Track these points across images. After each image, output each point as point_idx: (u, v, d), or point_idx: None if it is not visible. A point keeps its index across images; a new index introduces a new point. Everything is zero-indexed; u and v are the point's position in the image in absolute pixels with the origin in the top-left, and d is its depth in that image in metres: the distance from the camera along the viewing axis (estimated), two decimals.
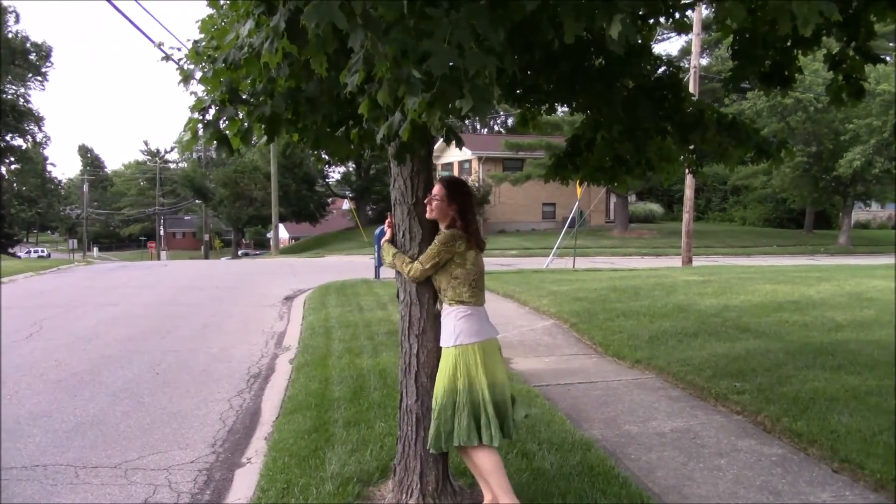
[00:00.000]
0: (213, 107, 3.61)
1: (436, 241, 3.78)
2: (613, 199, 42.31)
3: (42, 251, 67.30)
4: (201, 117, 3.60)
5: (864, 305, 10.82)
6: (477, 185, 39.00)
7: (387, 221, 4.10)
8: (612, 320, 9.72)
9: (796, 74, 4.86)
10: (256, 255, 56.53)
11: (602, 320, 9.73)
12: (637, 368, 7.41)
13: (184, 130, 3.70)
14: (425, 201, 3.86)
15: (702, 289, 12.96)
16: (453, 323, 3.74)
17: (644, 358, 7.56)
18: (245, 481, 4.62)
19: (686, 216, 22.61)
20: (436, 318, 3.92)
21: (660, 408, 5.97)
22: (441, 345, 3.83)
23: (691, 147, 5.58)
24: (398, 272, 4.02)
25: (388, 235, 4.06)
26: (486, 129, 63.61)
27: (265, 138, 3.61)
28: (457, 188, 3.83)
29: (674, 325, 9.18)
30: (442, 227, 3.83)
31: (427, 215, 3.86)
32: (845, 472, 4.53)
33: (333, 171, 59.27)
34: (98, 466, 4.94)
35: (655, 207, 47.19)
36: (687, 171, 6.00)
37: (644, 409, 5.95)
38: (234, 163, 49.92)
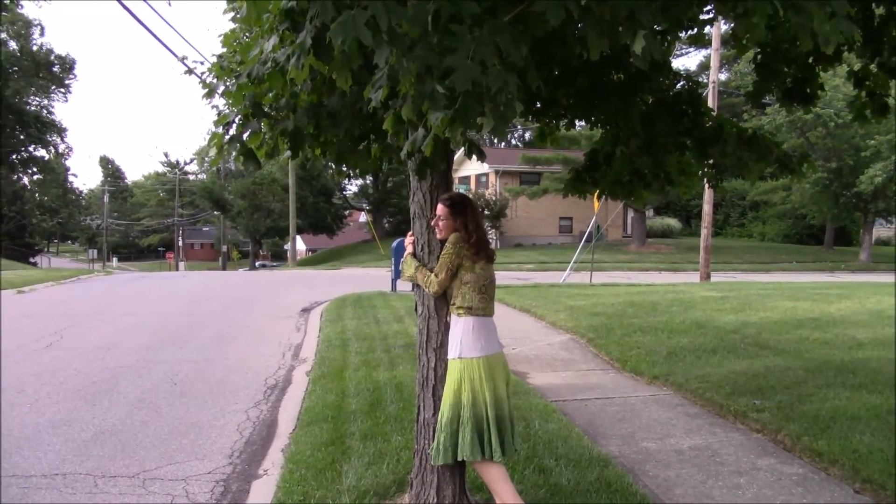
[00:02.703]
0: (236, 121, 3.66)
1: (446, 246, 3.81)
2: (631, 213, 42.15)
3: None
4: (225, 132, 3.65)
5: (886, 323, 10.68)
6: (494, 198, 39.05)
7: (408, 236, 4.13)
8: (630, 336, 9.66)
9: (818, 91, 4.85)
10: (274, 266, 56.84)
11: (619, 336, 9.68)
12: (655, 384, 7.36)
13: (209, 145, 3.75)
14: (432, 223, 3.89)
15: (720, 305, 12.86)
16: (460, 335, 3.75)
17: (662, 374, 7.51)
18: (262, 493, 4.64)
19: (704, 231, 22.48)
20: None
21: (678, 424, 5.93)
22: (447, 357, 3.84)
23: (710, 161, 5.57)
24: (417, 285, 4.04)
25: (409, 250, 4.08)
26: (503, 143, 63.71)
27: (288, 153, 3.66)
28: (458, 204, 3.85)
29: (692, 342, 9.12)
30: None
31: (438, 236, 3.89)
32: (867, 493, 4.46)
33: (350, 184, 59.65)
34: (116, 476, 4.98)
35: (673, 222, 46.96)
36: (706, 185, 5.98)
37: (662, 425, 5.91)
38: (252, 175, 50.35)
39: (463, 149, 3.29)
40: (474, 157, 3.56)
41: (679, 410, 6.37)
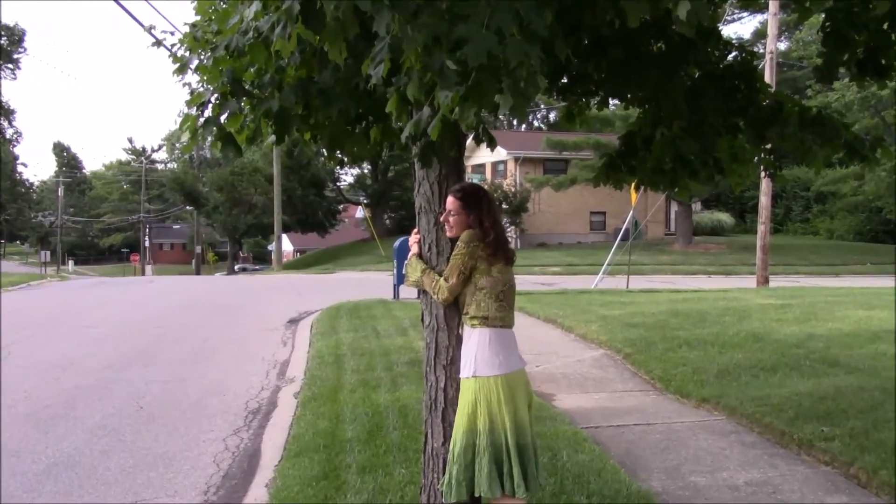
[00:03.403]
0: (212, 100, 3.68)
1: (458, 245, 3.80)
2: (674, 207, 42.00)
3: None
4: (199, 113, 3.68)
5: None
6: (513, 189, 39.04)
7: (412, 234, 4.14)
8: (674, 350, 9.64)
9: (895, 62, 4.82)
10: (256, 270, 57.04)
11: (661, 350, 9.65)
12: (704, 408, 7.33)
13: (180, 129, 3.78)
14: (441, 219, 3.89)
15: (781, 314, 12.80)
16: (474, 350, 3.75)
17: (712, 396, 7.48)
18: None
19: (761, 228, 22.38)
20: None
21: (731, 456, 5.91)
22: (460, 375, 3.84)
23: (768, 146, 5.56)
24: (424, 292, 4.04)
25: (414, 250, 4.08)
26: (524, 126, 63.67)
27: (273, 138, 3.68)
28: (472, 196, 3.85)
29: (747, 358, 9.08)
30: None
31: (448, 234, 3.89)
32: None
33: (345, 174, 59.78)
34: None
35: (724, 217, 46.77)
36: (762, 174, 5.96)
37: (713, 456, 5.89)
38: (230, 163, 50.56)
39: (473, 134, 3.31)
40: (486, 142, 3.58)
41: (733, 439, 6.34)
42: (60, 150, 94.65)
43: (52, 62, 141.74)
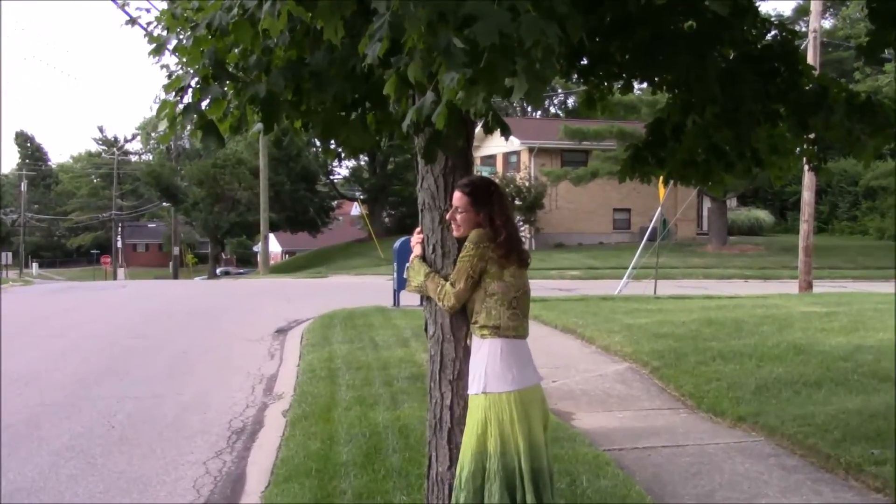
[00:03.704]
0: (193, 84, 3.69)
1: (465, 246, 3.80)
2: (707, 203, 41.95)
3: None
4: (178, 99, 3.69)
5: None
6: (527, 184, 39.04)
7: (415, 233, 4.14)
8: (707, 364, 9.62)
9: None
10: (240, 273, 57.09)
11: (693, 364, 9.64)
12: (740, 428, 7.32)
13: (157, 117, 3.80)
14: (447, 217, 3.89)
15: (826, 323, 12.77)
16: (484, 363, 3.75)
17: (749, 414, 7.47)
18: None
19: (804, 227, 22.33)
20: None
21: (771, 481, 5.89)
22: (468, 391, 3.84)
23: (811, 135, 5.55)
24: (427, 298, 4.05)
25: (417, 251, 4.09)
26: (539, 112, 63.69)
27: (260, 126, 3.69)
28: (481, 191, 3.84)
29: (789, 372, 9.07)
30: None
31: (454, 233, 3.90)
32: None
33: (340, 166, 59.85)
34: None
35: (763, 215, 46.69)
36: (805, 167, 5.96)
37: (750, 482, 5.87)
38: (212, 155, 50.68)
39: (485, 120, 3.30)
40: (498, 131, 3.58)
41: (772, 462, 6.33)
42: (23, 139, 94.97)
43: (11, 41, 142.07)
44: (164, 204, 65.06)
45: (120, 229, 76.56)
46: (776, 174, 5.73)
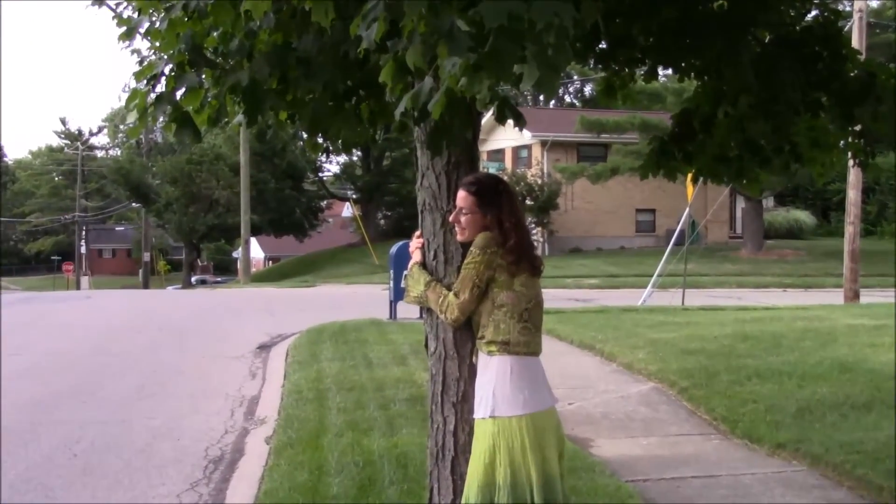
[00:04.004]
0: (166, 72, 3.70)
1: (471, 251, 3.80)
2: (741, 203, 41.94)
3: None
4: (150, 88, 3.70)
5: None
6: (540, 181, 39.06)
7: (414, 237, 4.15)
8: (742, 384, 9.61)
9: None
10: (218, 282, 57.17)
11: (726, 384, 9.62)
12: (780, 456, 7.31)
13: (126, 108, 3.81)
14: (450, 219, 3.90)
15: (875, 338, 12.74)
16: (492, 383, 3.75)
17: (790, 441, 7.45)
18: None
19: (850, 230, 22.31)
20: None
21: None
22: (474, 415, 3.85)
23: (857, 128, 5.55)
24: (428, 310, 4.05)
25: (416, 257, 4.09)
26: (552, 102, 63.76)
27: (241, 118, 3.70)
28: (488, 190, 3.84)
29: (834, 392, 9.05)
30: None
31: (458, 237, 3.90)
32: None
33: (330, 162, 59.93)
34: None
35: (803, 216, 46.68)
36: (850, 162, 5.96)
37: None
38: (188, 150, 50.71)
39: (492, 110, 3.31)
40: (509, 122, 3.58)
41: (816, 495, 6.31)
42: None
43: None
44: (134, 204, 65.17)
45: (84, 233, 76.62)
46: (818, 171, 5.73)
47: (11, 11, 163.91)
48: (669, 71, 5.55)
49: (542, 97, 57.32)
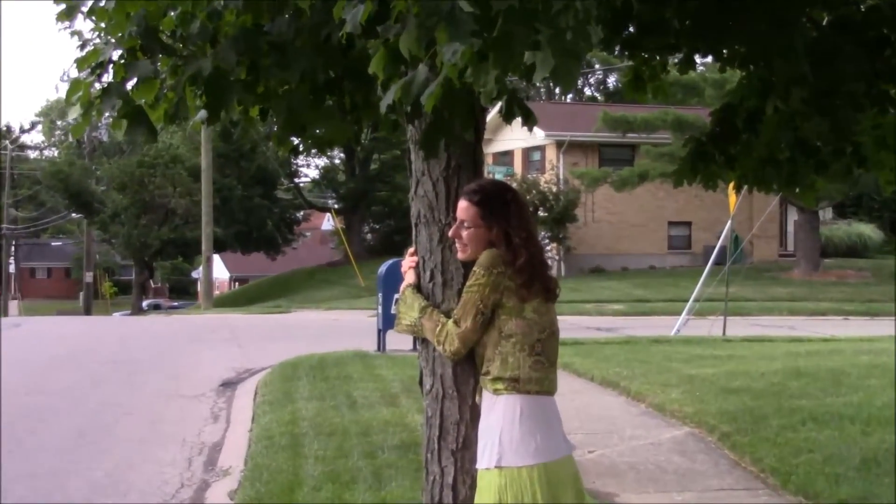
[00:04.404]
0: (114, 58, 3.71)
1: (474, 271, 3.79)
2: (793, 215, 41.98)
3: None
4: (95, 77, 3.71)
5: None
6: (554, 189, 39.09)
7: (406, 255, 4.15)
8: (795, 429, 9.60)
9: None
10: (174, 308, 57.09)
11: (776, 429, 9.62)
12: None
13: (66, 101, 3.81)
14: (450, 234, 3.90)
15: None
16: (499, 427, 3.74)
17: (854, 497, 7.44)
18: None
19: None
20: None
21: None
22: (477, 465, 3.85)
23: None
24: (423, 341, 4.05)
25: (409, 279, 4.09)
26: (570, 96, 63.90)
27: (203, 114, 3.71)
28: (495, 200, 3.83)
29: None
30: None
31: (459, 255, 3.90)
32: None
33: (307, 166, 59.94)
34: None
35: (868, 230, 46.65)
36: None
37: None
38: (140, 151, 50.74)
39: (500, 106, 3.32)
40: (518, 121, 3.59)
41: None
42: None
43: None
44: (74, 215, 65.05)
45: (13, 249, 76.54)
46: (885, 177, 5.75)
47: None
48: (709, 59, 5.58)
49: (557, 90, 57.43)
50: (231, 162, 49.41)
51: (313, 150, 35.53)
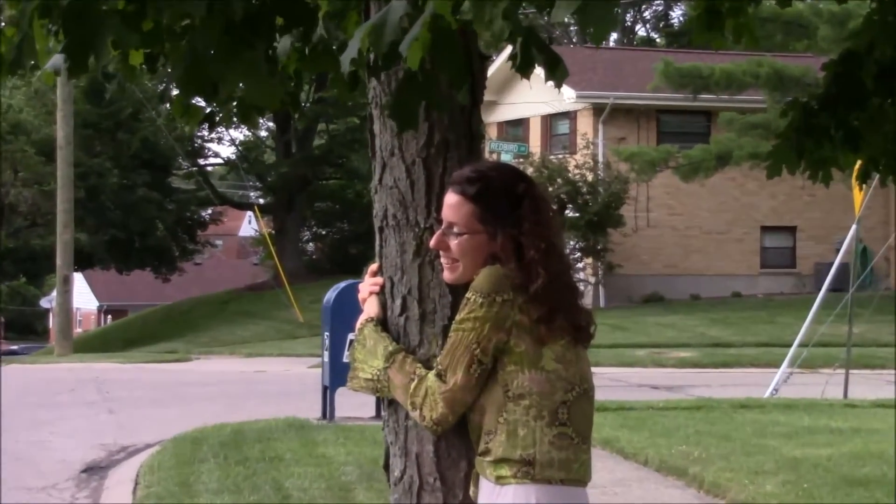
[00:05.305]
0: None
1: (467, 299, 3.74)
2: None
3: None
4: None
5: None
6: (589, 177, 39.06)
7: (366, 274, 4.17)
8: None
9: None
10: (14, 353, 57.03)
11: None
12: None
13: None
14: (432, 243, 3.86)
15: None
16: None
17: None
18: None
19: None
20: None
21: None
22: None
23: None
24: (390, 402, 4.07)
25: (370, 310, 4.10)
26: (613, 38, 64.13)
27: (60, 60, 3.72)
28: (499, 193, 3.81)
29: None
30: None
31: (445, 276, 3.88)
32: None
33: (220, 141, 59.82)
34: None
35: None
36: None
37: None
38: None
39: (508, 53, 3.34)
40: (536, 75, 3.61)
41: None
42: None
43: None
44: None
45: None
46: None
47: None
48: None
49: (588, 37, 57.65)
50: (103, 134, 49.38)
51: (233, 121, 35.31)
